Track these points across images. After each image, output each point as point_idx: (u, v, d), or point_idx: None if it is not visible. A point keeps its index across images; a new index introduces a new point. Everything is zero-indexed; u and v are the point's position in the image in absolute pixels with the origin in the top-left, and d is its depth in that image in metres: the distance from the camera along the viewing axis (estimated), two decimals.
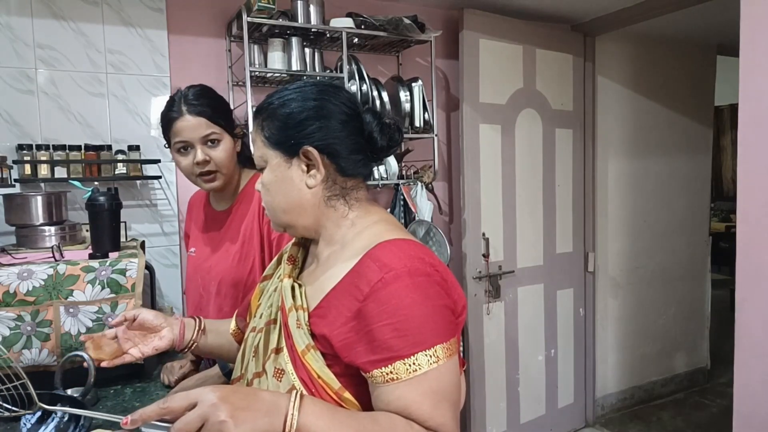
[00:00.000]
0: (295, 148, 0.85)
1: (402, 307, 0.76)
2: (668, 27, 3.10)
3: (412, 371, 0.75)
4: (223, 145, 1.36)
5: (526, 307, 2.86)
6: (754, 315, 1.59)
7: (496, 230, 2.72)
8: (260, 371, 0.89)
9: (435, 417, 0.76)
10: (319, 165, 0.85)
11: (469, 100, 2.58)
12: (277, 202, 0.88)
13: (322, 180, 0.86)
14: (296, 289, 0.88)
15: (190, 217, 1.61)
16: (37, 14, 1.98)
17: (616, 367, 3.38)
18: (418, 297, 0.77)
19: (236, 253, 1.39)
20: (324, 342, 0.81)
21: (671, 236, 3.54)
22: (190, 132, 1.32)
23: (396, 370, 0.75)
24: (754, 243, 1.58)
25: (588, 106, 3.04)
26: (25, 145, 1.90)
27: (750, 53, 1.57)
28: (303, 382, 0.81)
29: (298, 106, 0.86)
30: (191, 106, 1.32)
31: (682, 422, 3.26)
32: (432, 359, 0.75)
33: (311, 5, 2.18)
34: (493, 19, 2.62)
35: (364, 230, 0.87)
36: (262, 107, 0.91)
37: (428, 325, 0.76)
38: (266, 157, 0.88)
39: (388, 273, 0.77)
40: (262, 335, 0.92)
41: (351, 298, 0.79)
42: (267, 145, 0.88)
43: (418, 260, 0.79)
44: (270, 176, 0.88)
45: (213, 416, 0.66)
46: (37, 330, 1.41)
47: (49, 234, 1.74)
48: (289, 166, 0.86)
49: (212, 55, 2.25)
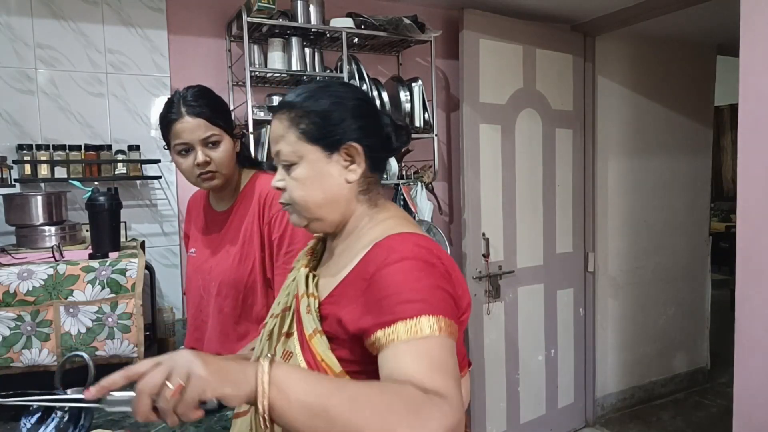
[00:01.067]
0: (336, 143, 0.88)
1: (408, 280, 0.78)
2: (668, 27, 3.10)
3: (413, 333, 0.74)
4: (223, 146, 1.35)
5: (526, 307, 2.86)
6: (754, 315, 1.59)
7: (496, 230, 2.72)
8: (271, 354, 0.91)
9: (435, 380, 0.71)
10: (361, 160, 0.89)
11: (469, 100, 2.58)
12: (313, 197, 0.89)
13: (361, 175, 0.90)
14: (309, 278, 0.92)
15: (189, 217, 1.61)
16: (37, 14, 1.98)
17: (616, 367, 3.38)
18: (422, 275, 0.79)
19: (236, 254, 1.39)
20: (334, 324, 0.84)
21: (671, 236, 3.54)
22: (189, 134, 1.31)
23: (397, 330, 0.74)
24: (754, 243, 1.58)
25: (588, 106, 3.04)
26: (25, 145, 1.90)
27: (750, 53, 1.57)
28: (308, 364, 0.84)
29: (335, 104, 0.89)
30: (190, 108, 1.31)
31: (682, 422, 3.26)
32: (434, 326, 0.75)
33: (311, 5, 2.18)
34: (493, 19, 2.62)
35: (378, 224, 0.91)
36: (291, 103, 0.90)
37: (433, 298, 0.77)
38: (301, 153, 0.88)
39: (394, 254, 0.80)
40: (277, 321, 0.96)
41: (360, 281, 0.82)
42: (304, 140, 0.88)
43: (425, 250, 0.82)
44: (306, 171, 0.88)
45: (178, 362, 0.64)
46: (37, 330, 1.41)
47: (49, 234, 1.74)
48: (329, 161, 0.88)
49: (212, 55, 2.25)
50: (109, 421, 1.24)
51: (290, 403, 0.65)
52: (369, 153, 0.89)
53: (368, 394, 0.68)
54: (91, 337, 1.46)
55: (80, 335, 1.44)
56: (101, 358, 1.48)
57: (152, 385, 0.64)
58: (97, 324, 1.45)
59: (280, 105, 0.92)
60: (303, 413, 0.65)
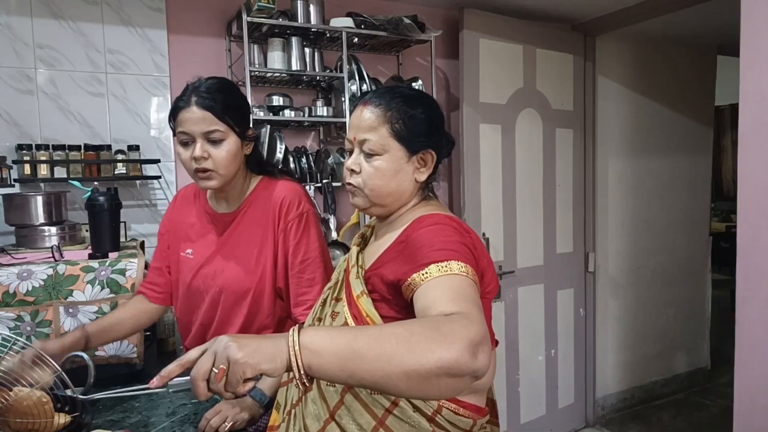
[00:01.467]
0: (418, 148, 1.03)
1: (439, 236, 0.92)
2: (668, 27, 3.10)
3: (444, 271, 0.86)
4: (226, 146, 1.27)
5: (527, 307, 2.86)
6: (754, 315, 1.58)
7: (496, 230, 2.72)
8: (321, 317, 1.09)
9: (458, 304, 0.80)
10: (431, 165, 1.05)
11: (469, 100, 2.58)
12: (388, 187, 1.03)
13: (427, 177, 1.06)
14: (357, 253, 1.10)
15: (176, 213, 1.47)
16: (36, 14, 1.98)
17: (616, 367, 3.38)
18: (453, 234, 0.93)
19: (245, 261, 1.33)
20: (378, 283, 0.99)
21: (671, 236, 3.54)
22: (192, 124, 1.25)
23: (430, 271, 0.87)
24: (755, 243, 1.58)
25: (588, 106, 3.04)
26: (25, 145, 1.90)
27: (750, 53, 1.57)
28: (354, 318, 0.98)
29: (427, 114, 1.04)
30: (200, 98, 1.24)
31: (683, 422, 3.26)
32: (462, 268, 0.86)
33: (311, 5, 2.18)
34: (493, 18, 2.62)
35: (419, 209, 1.05)
36: (387, 103, 1.02)
37: (462, 250, 0.89)
38: (388, 147, 1.01)
39: (428, 220, 0.97)
40: (330, 290, 1.12)
41: (398, 245, 0.99)
42: (394, 137, 1.01)
43: (456, 222, 0.97)
44: (388, 164, 1.02)
45: (219, 348, 0.72)
46: (37, 330, 1.41)
47: (48, 234, 1.74)
48: (408, 161, 1.03)
49: (212, 55, 2.25)
50: (109, 422, 1.24)
51: (322, 358, 0.71)
52: (437, 160, 1.06)
53: (390, 329, 0.74)
54: None
55: None
56: (101, 358, 1.48)
57: (203, 372, 0.71)
58: None
59: (375, 100, 1.03)
60: (336, 362, 0.71)
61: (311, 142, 2.48)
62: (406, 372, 0.69)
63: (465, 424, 0.95)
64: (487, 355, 0.72)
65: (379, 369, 0.70)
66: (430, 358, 0.69)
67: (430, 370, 0.69)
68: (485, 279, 0.97)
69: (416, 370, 0.69)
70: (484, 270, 0.96)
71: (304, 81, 2.36)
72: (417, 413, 0.92)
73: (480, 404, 1.00)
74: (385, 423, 0.93)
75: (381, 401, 0.94)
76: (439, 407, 0.92)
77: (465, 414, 0.94)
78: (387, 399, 0.94)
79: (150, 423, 1.25)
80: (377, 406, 0.94)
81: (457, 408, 0.94)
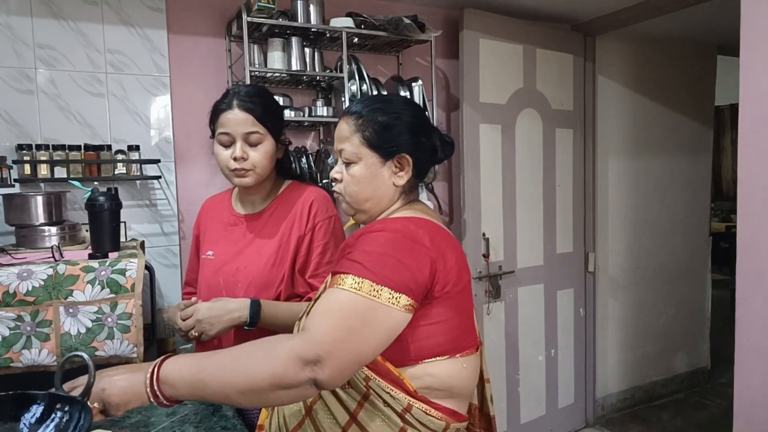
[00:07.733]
0: (392, 153, 1.05)
1: (366, 244, 0.94)
2: (668, 27, 3.10)
3: (337, 283, 0.91)
4: (264, 147, 1.38)
5: (527, 307, 2.86)
6: (754, 315, 1.58)
7: (496, 230, 2.72)
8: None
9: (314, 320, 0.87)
10: (409, 169, 1.06)
11: (469, 100, 2.58)
12: (364, 193, 1.06)
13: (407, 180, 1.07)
14: None
15: (204, 221, 1.59)
16: (36, 14, 1.98)
17: (616, 367, 3.38)
18: (384, 243, 0.94)
19: (271, 255, 1.39)
20: None
21: (671, 236, 3.54)
22: (234, 125, 1.35)
23: (328, 280, 0.95)
24: (755, 243, 1.58)
25: (588, 106, 3.04)
26: (25, 145, 1.90)
27: (750, 53, 1.57)
28: None
29: (396, 119, 1.05)
30: (242, 102, 1.36)
31: (683, 422, 3.26)
32: (355, 285, 0.89)
33: (311, 5, 2.18)
34: (493, 18, 2.62)
35: (395, 215, 1.06)
36: (359, 112, 1.06)
37: (376, 265, 0.90)
38: (361, 155, 1.05)
39: (377, 225, 0.98)
40: None
41: (344, 248, 1.01)
42: (365, 145, 1.05)
43: (413, 227, 0.97)
44: (362, 171, 1.05)
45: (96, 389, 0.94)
46: (37, 330, 1.41)
47: (48, 234, 1.73)
48: (382, 166, 1.05)
49: (212, 55, 2.25)
50: (109, 421, 1.24)
51: (176, 389, 0.87)
52: (416, 163, 1.06)
53: (234, 353, 0.87)
54: (90, 337, 1.45)
55: (80, 335, 1.44)
56: (101, 358, 1.48)
57: None
58: (97, 324, 1.45)
59: (351, 111, 1.07)
60: (188, 391, 0.87)
61: (311, 142, 2.49)
62: (241, 391, 0.83)
63: (437, 426, 0.97)
64: (325, 368, 0.82)
65: (220, 392, 0.85)
66: (258, 376, 0.83)
67: (262, 385, 0.83)
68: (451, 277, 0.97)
69: (251, 389, 0.83)
70: (450, 270, 0.97)
71: (304, 81, 2.36)
72: (387, 408, 0.96)
73: (457, 409, 1.02)
74: (357, 418, 0.97)
75: (353, 395, 0.97)
76: (409, 405, 0.95)
77: (436, 416, 0.97)
78: (358, 393, 0.97)
79: (150, 423, 1.25)
80: (350, 400, 0.98)
81: (427, 408, 0.96)
